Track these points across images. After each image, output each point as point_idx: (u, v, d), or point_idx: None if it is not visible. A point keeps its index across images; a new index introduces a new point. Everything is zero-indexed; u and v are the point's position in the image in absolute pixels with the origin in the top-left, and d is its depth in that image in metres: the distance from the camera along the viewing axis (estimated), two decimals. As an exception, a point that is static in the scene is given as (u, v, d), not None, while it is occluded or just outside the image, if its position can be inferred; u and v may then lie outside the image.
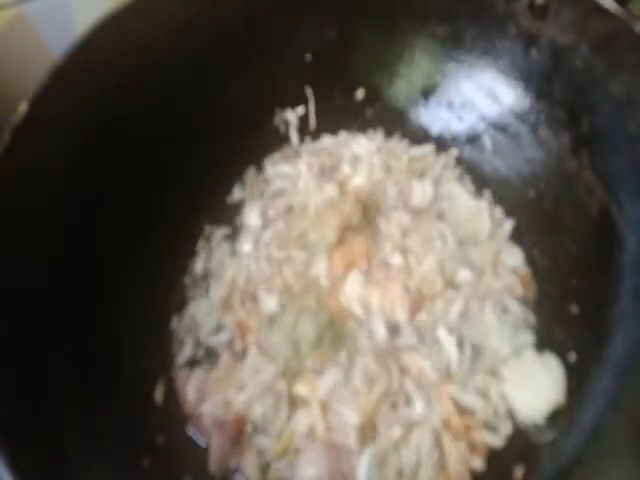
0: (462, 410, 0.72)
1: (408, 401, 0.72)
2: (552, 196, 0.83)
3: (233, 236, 0.89)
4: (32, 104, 0.65)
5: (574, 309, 0.76)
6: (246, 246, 0.87)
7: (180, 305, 0.83)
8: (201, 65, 0.83)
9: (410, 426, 0.70)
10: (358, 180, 0.90)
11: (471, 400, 0.72)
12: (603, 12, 0.69)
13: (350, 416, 0.70)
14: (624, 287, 0.70)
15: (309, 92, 0.96)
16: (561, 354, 0.75)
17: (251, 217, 0.89)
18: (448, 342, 0.75)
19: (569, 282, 0.78)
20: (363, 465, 0.68)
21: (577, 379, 0.72)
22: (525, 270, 0.83)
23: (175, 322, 0.82)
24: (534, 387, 0.73)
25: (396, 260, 0.81)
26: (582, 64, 0.74)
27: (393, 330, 0.77)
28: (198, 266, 0.87)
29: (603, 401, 0.66)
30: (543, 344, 0.77)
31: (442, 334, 0.76)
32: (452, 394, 0.72)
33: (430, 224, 0.86)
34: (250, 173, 0.94)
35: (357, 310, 0.78)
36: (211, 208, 0.91)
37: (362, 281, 0.79)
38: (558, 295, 0.79)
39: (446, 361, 0.75)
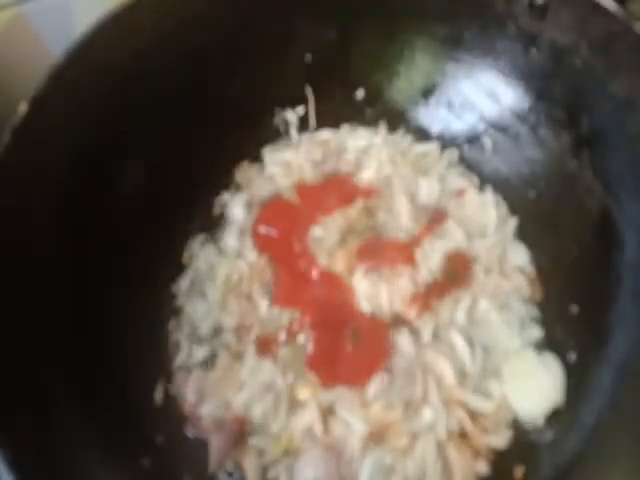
0: (472, 414, 0.72)
1: (421, 408, 0.72)
2: (552, 196, 0.83)
3: (215, 236, 0.89)
4: (32, 104, 0.65)
5: (574, 309, 0.76)
6: (231, 241, 0.87)
7: (177, 306, 0.83)
8: (201, 65, 0.83)
9: (416, 435, 0.70)
10: (367, 174, 0.90)
11: (481, 404, 0.72)
12: (603, 12, 0.69)
13: (358, 426, 0.70)
14: (624, 287, 0.70)
15: (309, 92, 0.96)
16: (561, 354, 0.75)
17: (235, 209, 0.89)
18: (461, 344, 0.75)
19: (569, 282, 0.78)
20: (365, 471, 0.68)
21: (577, 379, 0.72)
22: (531, 270, 0.83)
23: (173, 323, 0.82)
24: (534, 387, 0.73)
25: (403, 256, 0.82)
26: (582, 64, 0.74)
27: (397, 321, 0.77)
28: (192, 269, 0.86)
29: (603, 401, 0.66)
30: (543, 344, 0.77)
31: (454, 336, 0.76)
32: (463, 399, 0.72)
33: (437, 219, 0.86)
34: (244, 165, 0.94)
35: (365, 307, 0.78)
36: (209, 206, 0.91)
37: (368, 278, 0.80)
38: (558, 295, 0.79)
39: (460, 364, 0.74)
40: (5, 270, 0.62)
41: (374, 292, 0.79)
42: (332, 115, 0.96)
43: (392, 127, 0.96)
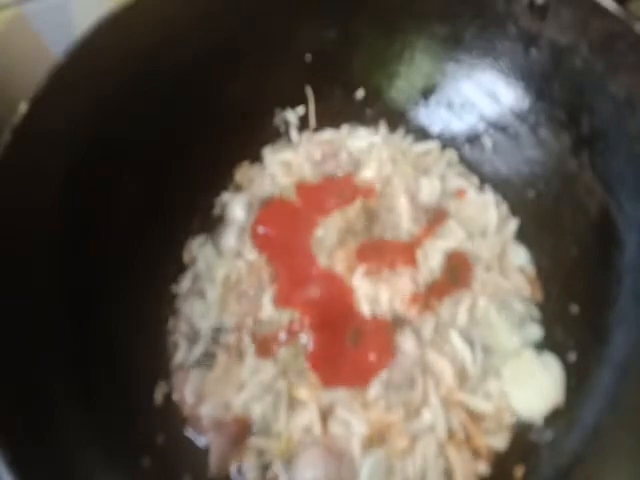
0: (472, 415, 0.72)
1: (421, 410, 0.72)
2: (552, 196, 0.83)
3: (215, 236, 0.89)
4: (32, 104, 0.65)
5: (574, 309, 0.76)
6: (231, 241, 0.87)
7: (177, 306, 0.83)
8: (201, 65, 0.83)
9: (416, 436, 0.70)
10: (367, 174, 0.90)
11: (481, 404, 0.72)
12: (603, 12, 0.69)
13: (358, 427, 0.70)
14: (624, 287, 0.70)
15: (309, 92, 0.96)
16: (561, 354, 0.75)
17: (235, 209, 0.89)
18: (461, 345, 0.75)
19: (569, 282, 0.78)
20: (365, 472, 0.68)
21: (577, 379, 0.72)
22: (531, 270, 0.83)
23: (172, 323, 0.82)
24: (534, 387, 0.73)
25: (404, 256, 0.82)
26: (582, 64, 0.74)
27: (398, 321, 0.77)
28: (191, 269, 0.86)
29: (603, 401, 0.66)
30: (543, 344, 0.77)
31: (454, 336, 0.76)
32: (464, 399, 0.72)
33: (437, 219, 0.86)
34: (244, 165, 0.94)
35: (365, 308, 0.78)
36: (209, 206, 0.91)
37: (369, 278, 0.80)
38: (558, 295, 0.79)
39: (460, 364, 0.74)
40: (5, 270, 0.62)
41: (374, 292, 0.79)
42: (332, 115, 0.96)
43: (392, 127, 0.96)
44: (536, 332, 0.78)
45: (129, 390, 0.72)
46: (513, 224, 0.86)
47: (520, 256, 0.84)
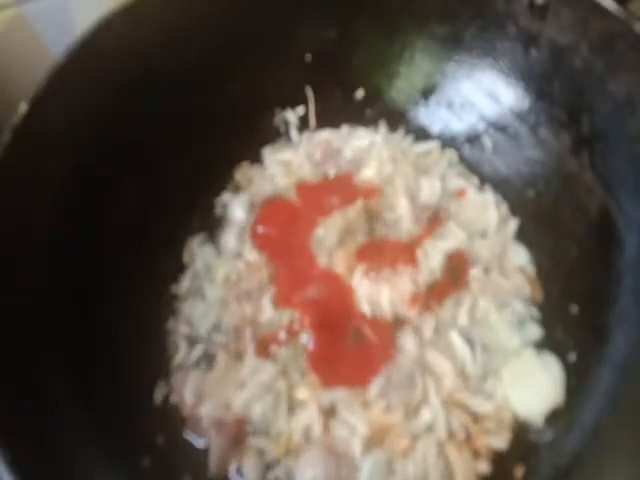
0: (472, 415, 0.72)
1: (421, 410, 0.72)
2: (552, 196, 0.83)
3: (215, 236, 0.89)
4: (32, 104, 0.65)
5: (574, 309, 0.76)
6: (231, 241, 0.87)
7: (177, 306, 0.83)
8: (201, 65, 0.83)
9: (416, 437, 0.70)
10: (367, 174, 0.90)
11: (482, 405, 0.72)
12: (603, 12, 0.69)
13: (359, 427, 0.70)
14: (624, 287, 0.70)
15: (309, 92, 0.96)
16: (561, 354, 0.75)
17: (235, 210, 0.89)
18: (461, 346, 0.75)
19: (569, 282, 0.78)
20: (365, 472, 0.68)
21: (577, 379, 0.72)
22: (531, 270, 0.83)
23: (172, 323, 0.82)
24: (534, 387, 0.73)
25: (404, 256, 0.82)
26: (582, 64, 0.74)
27: (398, 322, 0.77)
28: (191, 269, 0.86)
29: (603, 401, 0.66)
30: (543, 344, 0.77)
31: (454, 336, 0.76)
32: (464, 400, 0.72)
33: (438, 219, 0.86)
34: (244, 165, 0.94)
35: (365, 307, 0.78)
36: (209, 206, 0.91)
37: (369, 278, 0.80)
38: (558, 295, 0.79)
39: (460, 365, 0.74)
40: (5, 270, 0.62)
41: (374, 292, 0.79)
42: (332, 115, 0.96)
43: (392, 127, 0.96)
44: (536, 332, 0.78)
45: (129, 390, 0.72)
46: (513, 224, 0.86)
47: (520, 256, 0.84)
